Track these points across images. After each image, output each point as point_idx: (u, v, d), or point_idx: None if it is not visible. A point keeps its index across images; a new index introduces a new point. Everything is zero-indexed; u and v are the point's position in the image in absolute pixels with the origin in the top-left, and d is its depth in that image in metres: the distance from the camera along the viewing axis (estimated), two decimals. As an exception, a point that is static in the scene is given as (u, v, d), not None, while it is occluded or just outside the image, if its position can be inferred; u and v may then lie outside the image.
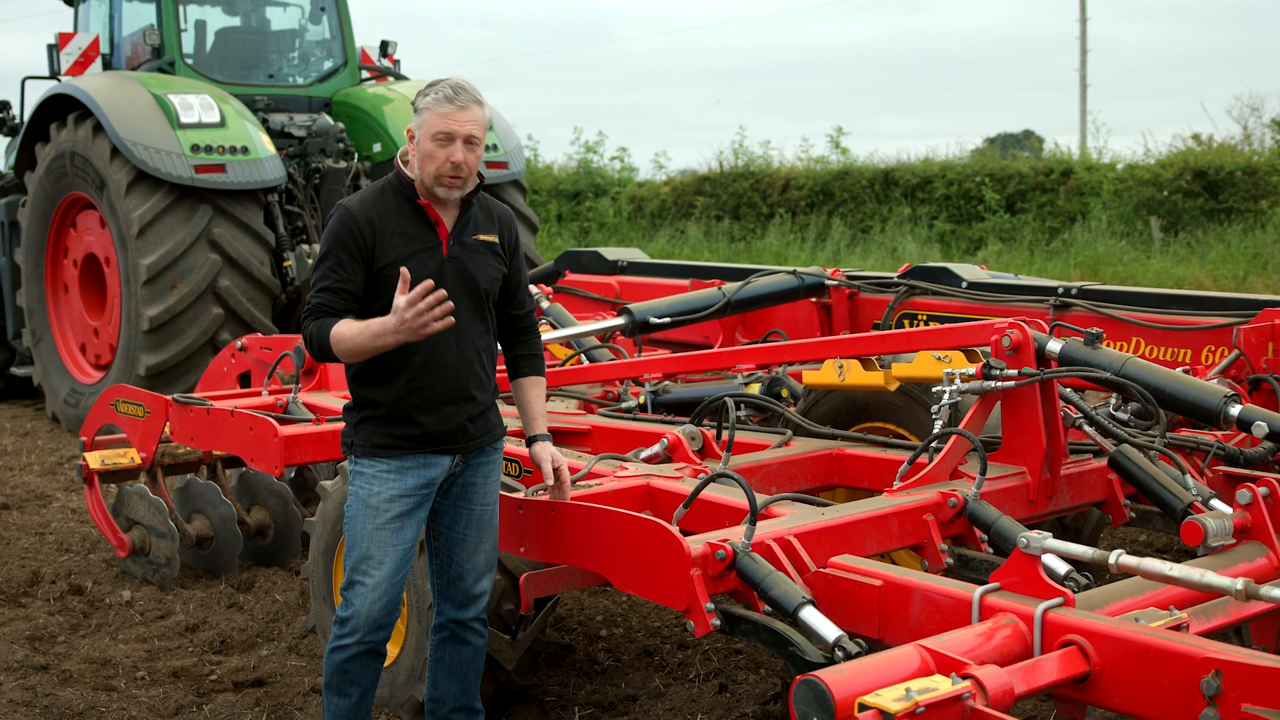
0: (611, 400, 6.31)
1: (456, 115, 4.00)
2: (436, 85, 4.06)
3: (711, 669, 5.45)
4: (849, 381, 5.41)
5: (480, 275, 4.16)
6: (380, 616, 4.12)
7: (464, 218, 4.16)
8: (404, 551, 4.11)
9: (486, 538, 4.27)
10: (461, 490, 4.22)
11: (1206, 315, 6.25)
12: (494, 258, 4.21)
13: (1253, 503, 3.99)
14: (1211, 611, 3.48)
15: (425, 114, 4.03)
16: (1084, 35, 34.85)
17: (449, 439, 4.12)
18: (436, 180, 4.03)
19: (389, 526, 4.08)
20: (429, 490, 4.14)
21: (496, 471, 4.31)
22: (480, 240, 4.18)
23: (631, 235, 26.37)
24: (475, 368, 4.15)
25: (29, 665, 5.62)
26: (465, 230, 4.16)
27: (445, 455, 4.14)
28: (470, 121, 4.02)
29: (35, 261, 11.60)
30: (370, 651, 4.17)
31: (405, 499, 4.09)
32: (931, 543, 4.20)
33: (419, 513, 4.14)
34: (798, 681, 2.90)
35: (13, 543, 7.60)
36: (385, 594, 4.11)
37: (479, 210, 4.22)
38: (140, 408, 6.67)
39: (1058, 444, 4.60)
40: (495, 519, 4.31)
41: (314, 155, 11.43)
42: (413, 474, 4.10)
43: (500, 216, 4.29)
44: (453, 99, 4.01)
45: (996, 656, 3.14)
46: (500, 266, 4.22)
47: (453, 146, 4.00)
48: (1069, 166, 23.52)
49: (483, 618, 4.31)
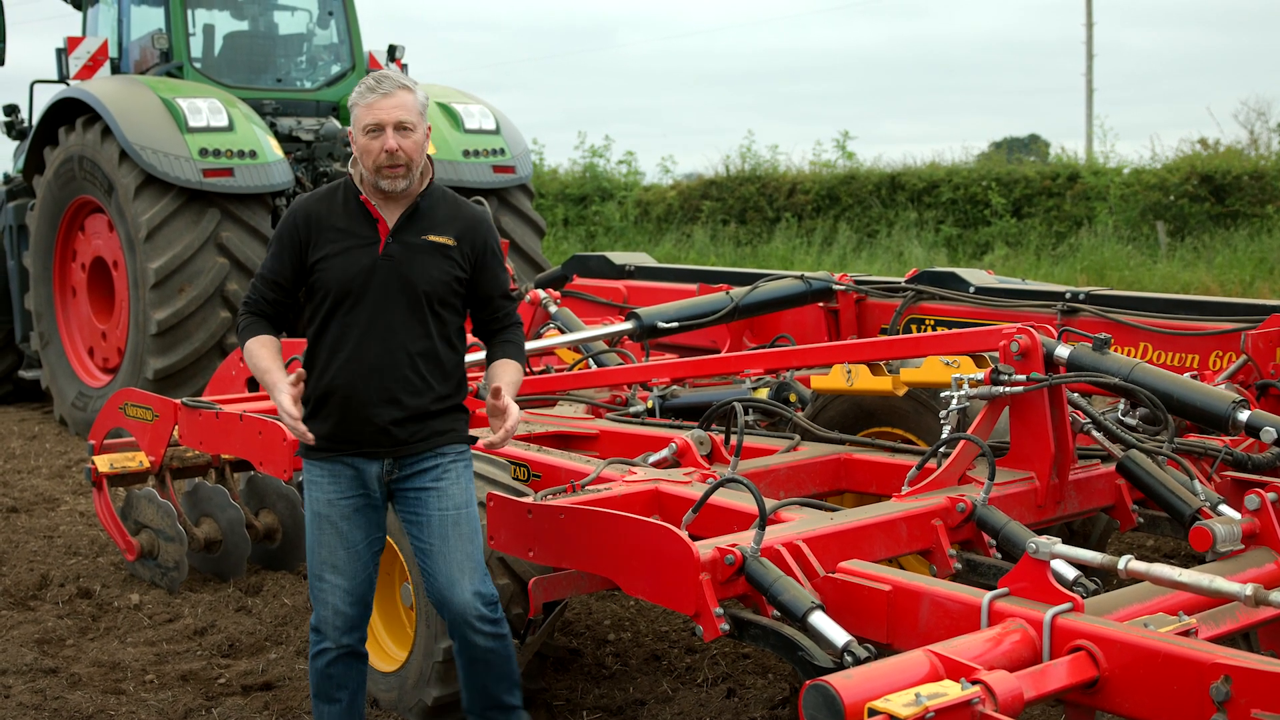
0: (619, 405, 6.32)
1: (381, 103, 4.00)
2: (363, 80, 4.10)
3: (720, 674, 5.45)
4: (857, 386, 5.41)
5: (419, 276, 4.08)
6: (348, 617, 4.17)
7: (410, 215, 4.11)
8: (355, 554, 4.15)
9: (456, 545, 4.15)
10: (415, 499, 4.16)
11: (1214, 320, 6.24)
12: (443, 260, 4.12)
13: (1261, 508, 3.99)
14: (1220, 617, 3.48)
15: (355, 110, 4.06)
16: (1090, 40, 34.88)
17: (371, 441, 4.10)
18: (377, 173, 4.03)
19: (335, 530, 4.14)
20: (367, 493, 4.15)
21: (455, 477, 4.20)
22: (428, 240, 4.11)
23: (638, 239, 26.37)
24: (405, 370, 4.08)
25: (38, 668, 5.64)
26: (410, 228, 4.11)
27: (371, 460, 4.12)
28: (396, 107, 4.01)
29: (43, 265, 11.63)
30: (349, 654, 4.21)
31: (343, 502, 4.14)
32: (940, 548, 4.20)
33: (367, 514, 4.17)
34: (807, 686, 2.90)
35: (21, 546, 7.62)
36: (346, 595, 4.17)
37: (436, 209, 4.15)
38: (149, 411, 6.68)
39: (1066, 449, 4.60)
40: (466, 524, 4.19)
41: (322, 159, 11.44)
42: (345, 479, 4.14)
43: (466, 219, 4.20)
44: (375, 88, 4.03)
45: (1006, 662, 3.14)
46: (451, 270, 4.13)
47: (384, 135, 3.99)
48: (1075, 171, 23.49)
49: (481, 616, 4.17)
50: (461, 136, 11.63)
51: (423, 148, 4.09)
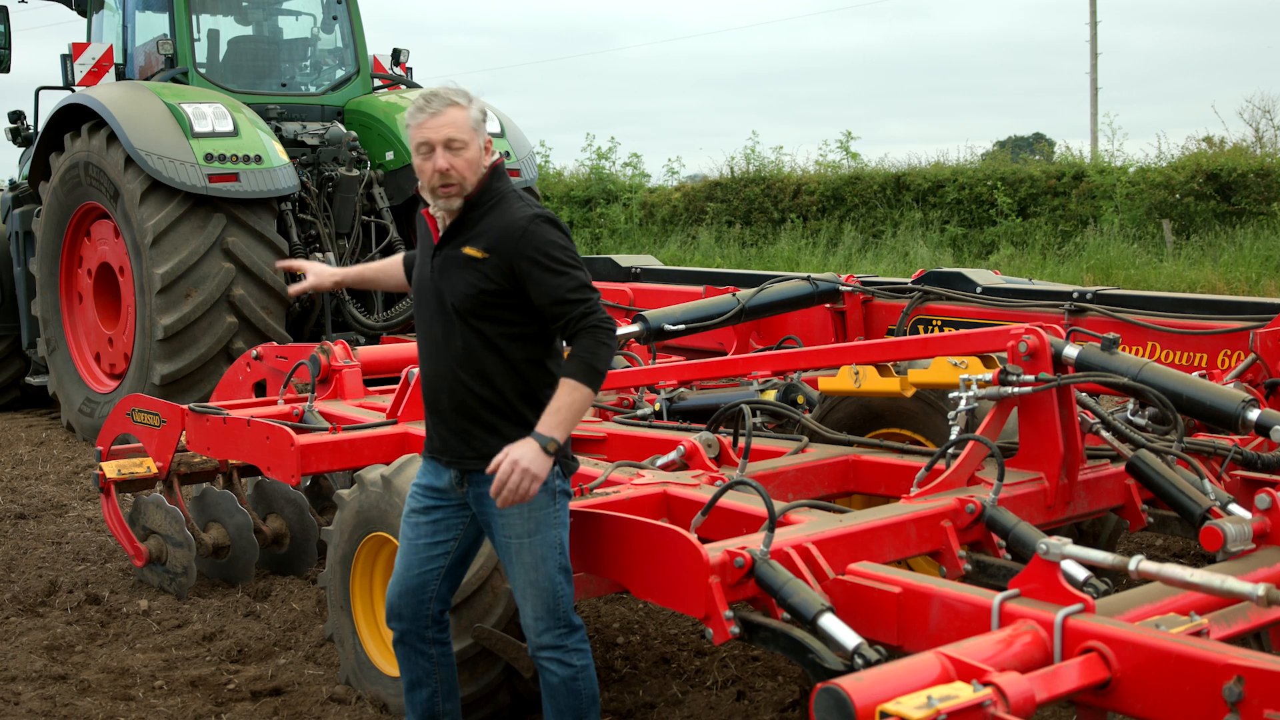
0: (627, 408, 6.32)
1: (430, 122, 3.96)
2: (415, 99, 4.06)
3: (729, 676, 5.44)
4: (865, 388, 5.40)
5: (448, 289, 4.02)
6: (397, 606, 4.23)
7: (453, 227, 4.07)
8: (414, 549, 4.19)
9: (521, 572, 4.04)
10: (486, 519, 4.13)
11: (1222, 319, 6.24)
12: (470, 273, 3.97)
13: (1271, 507, 3.97)
14: (1232, 617, 3.47)
15: (408, 130, 4.05)
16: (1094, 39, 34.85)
17: (440, 450, 4.16)
18: (432, 193, 4.02)
19: (407, 521, 4.24)
20: (441, 499, 4.17)
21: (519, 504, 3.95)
22: (461, 253, 4.01)
23: (643, 241, 26.39)
24: (451, 383, 4.03)
25: (47, 675, 5.64)
26: (452, 240, 4.06)
27: (444, 467, 4.17)
28: (445, 125, 3.95)
29: (50, 271, 11.64)
30: (401, 641, 4.27)
31: (419, 497, 4.21)
32: (949, 549, 4.19)
33: (436, 515, 4.18)
34: (818, 689, 2.89)
35: (30, 552, 7.62)
36: (398, 584, 4.23)
37: (482, 218, 4.02)
38: (156, 417, 6.68)
39: (1075, 449, 4.59)
40: (528, 554, 4.01)
41: (327, 164, 11.45)
42: (427, 476, 4.23)
43: (502, 230, 3.96)
44: (424, 107, 3.98)
45: (1017, 663, 3.13)
46: (478, 283, 3.96)
47: (435, 155, 3.95)
48: (1081, 170, 23.48)
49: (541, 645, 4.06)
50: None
51: (477, 163, 3.99)
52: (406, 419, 5.94)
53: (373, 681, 5.13)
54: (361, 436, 5.84)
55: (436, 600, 4.25)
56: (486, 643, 4.62)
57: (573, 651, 4.10)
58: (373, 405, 6.52)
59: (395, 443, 5.81)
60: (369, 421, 6.07)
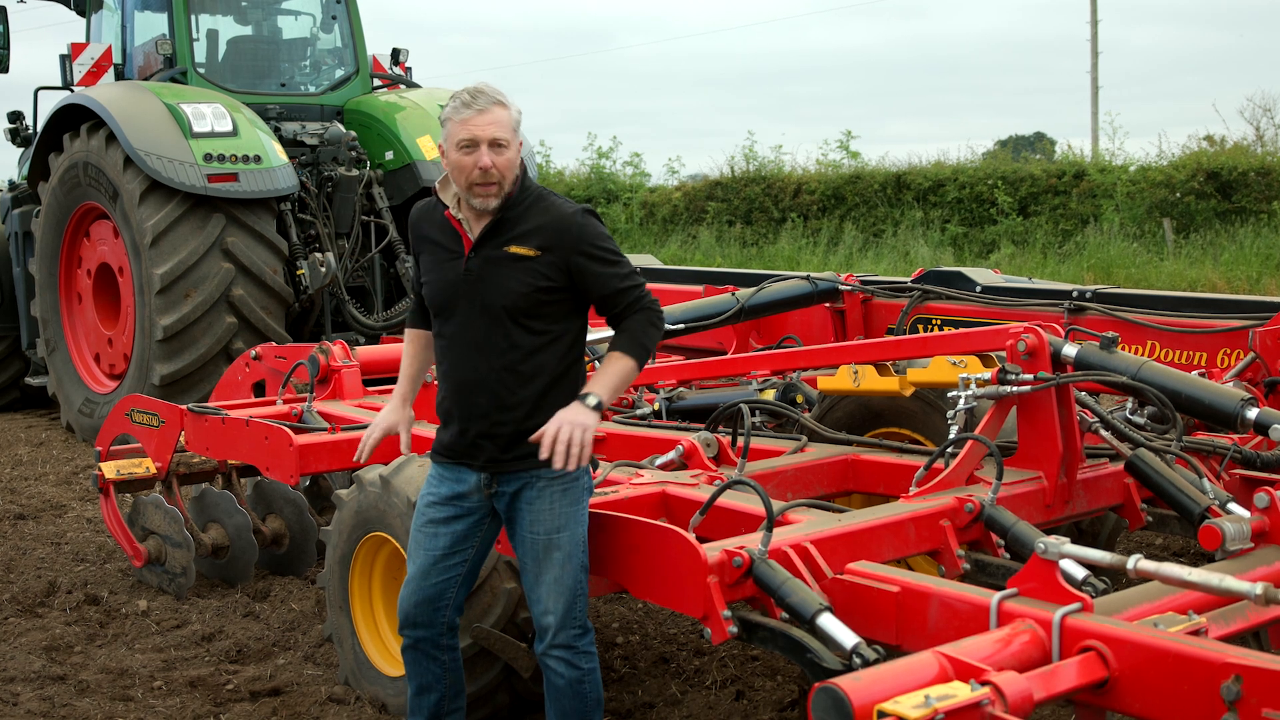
0: (626, 407, 6.32)
1: (477, 120, 3.93)
2: (456, 94, 4.01)
3: (728, 676, 5.44)
4: (864, 387, 5.40)
5: (496, 290, 3.99)
6: (412, 614, 4.19)
7: (493, 228, 4.02)
8: (433, 558, 4.15)
9: (546, 569, 4.03)
10: (514, 516, 4.11)
11: (1221, 318, 6.24)
12: (523, 272, 3.98)
13: (1270, 506, 3.97)
14: (1230, 616, 3.47)
15: (447, 124, 3.99)
16: (1095, 38, 34.82)
17: (468, 454, 4.09)
18: (469, 190, 3.96)
19: (423, 530, 4.18)
20: (464, 504, 4.13)
21: (549, 500, 4.03)
22: (508, 252, 3.99)
23: (643, 241, 26.39)
24: (492, 386, 4.02)
25: (46, 676, 5.63)
26: (492, 241, 4.02)
27: (470, 471, 4.11)
28: (491, 124, 3.93)
29: (49, 271, 11.64)
30: (413, 647, 4.25)
31: (439, 507, 4.15)
32: (948, 548, 4.19)
33: (456, 525, 4.14)
34: (816, 689, 2.89)
35: (29, 553, 7.62)
36: (414, 593, 4.19)
37: (525, 217, 4.02)
38: (155, 417, 6.68)
39: (1074, 448, 4.58)
40: (556, 551, 4.02)
41: (326, 163, 11.45)
42: (446, 483, 4.16)
43: (553, 227, 3.99)
44: (470, 104, 3.94)
45: (1015, 662, 3.13)
46: (533, 281, 3.97)
47: (478, 152, 3.92)
48: (1082, 169, 23.48)
49: (558, 644, 4.04)
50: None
51: (514, 165, 3.99)
52: (405, 419, 5.93)
53: (372, 681, 5.13)
54: (360, 437, 5.82)
55: (452, 608, 4.24)
56: (485, 643, 4.62)
57: (582, 654, 4.10)
58: (372, 405, 6.51)
59: (394, 443, 5.79)
60: (368, 422, 6.05)
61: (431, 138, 11.58)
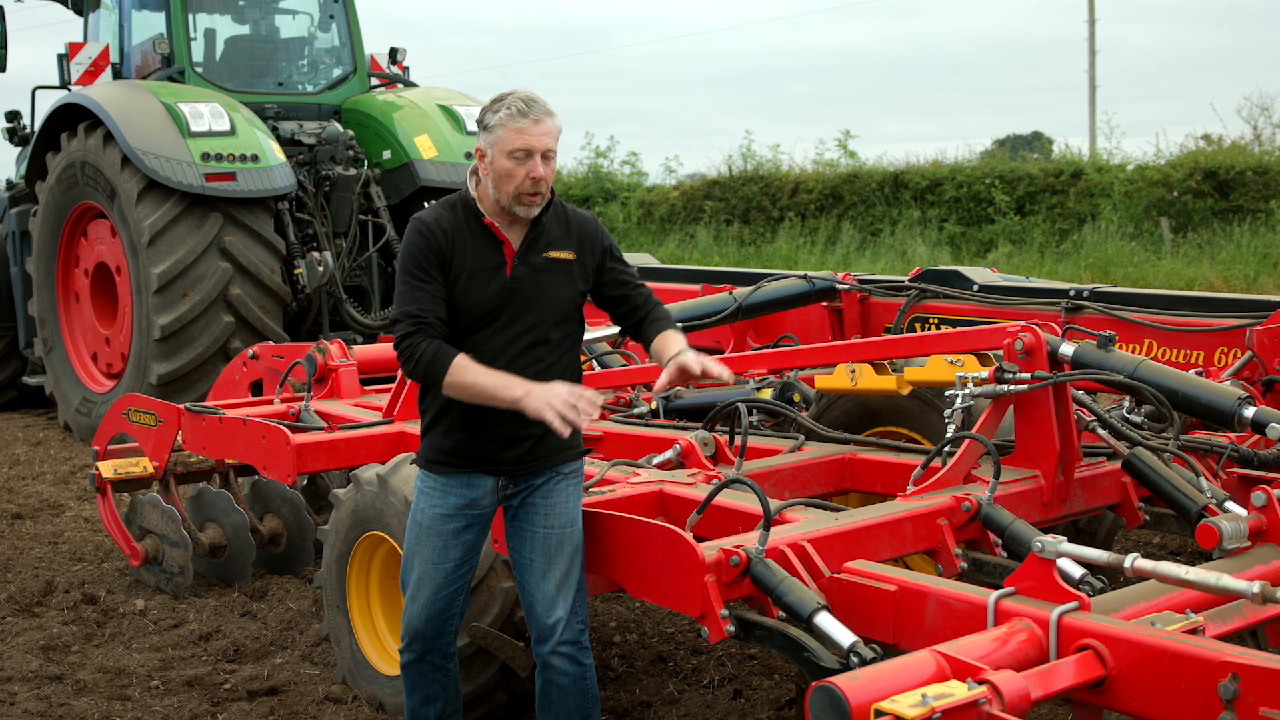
0: (623, 406, 6.31)
1: (532, 129, 3.89)
2: (505, 100, 3.94)
3: (726, 675, 5.44)
4: (861, 386, 5.40)
5: (545, 297, 4.01)
6: (423, 630, 4.15)
7: (533, 235, 4.02)
8: (446, 572, 4.11)
9: (556, 564, 4.05)
10: (524, 513, 4.10)
11: (1219, 317, 6.23)
12: (566, 277, 4.05)
13: (1267, 505, 3.97)
14: (1227, 615, 3.47)
15: (499, 130, 3.91)
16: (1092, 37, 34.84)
17: (489, 460, 4.06)
18: (516, 199, 3.93)
19: (430, 544, 4.11)
20: (475, 511, 4.10)
21: (564, 494, 4.11)
22: (549, 258, 4.03)
23: (641, 240, 26.38)
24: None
25: (43, 675, 5.63)
26: (534, 248, 4.02)
27: (487, 476, 4.08)
28: (545, 135, 3.92)
29: (47, 271, 11.64)
30: (420, 661, 4.20)
31: (448, 519, 4.09)
32: (945, 547, 4.18)
33: (467, 535, 4.11)
34: (813, 688, 2.89)
35: (26, 552, 7.62)
36: (425, 609, 4.14)
37: (554, 224, 4.06)
38: (152, 416, 6.68)
39: (1071, 447, 4.58)
40: (569, 545, 4.07)
41: (324, 163, 11.44)
42: (455, 494, 4.09)
43: (580, 230, 4.11)
44: (527, 113, 3.90)
45: (1012, 661, 3.13)
46: (575, 285, 4.07)
47: (532, 162, 3.89)
48: (1079, 168, 23.47)
49: (567, 640, 4.05)
50: (464, 139, 11.65)
51: (554, 173, 4.04)
52: (403, 418, 5.94)
53: (369, 681, 5.13)
54: (358, 436, 5.83)
55: (458, 617, 4.23)
56: (483, 642, 4.62)
57: (585, 649, 4.12)
58: (369, 404, 6.51)
59: (391, 442, 5.80)
60: (365, 421, 6.06)
61: (429, 137, 11.58)
